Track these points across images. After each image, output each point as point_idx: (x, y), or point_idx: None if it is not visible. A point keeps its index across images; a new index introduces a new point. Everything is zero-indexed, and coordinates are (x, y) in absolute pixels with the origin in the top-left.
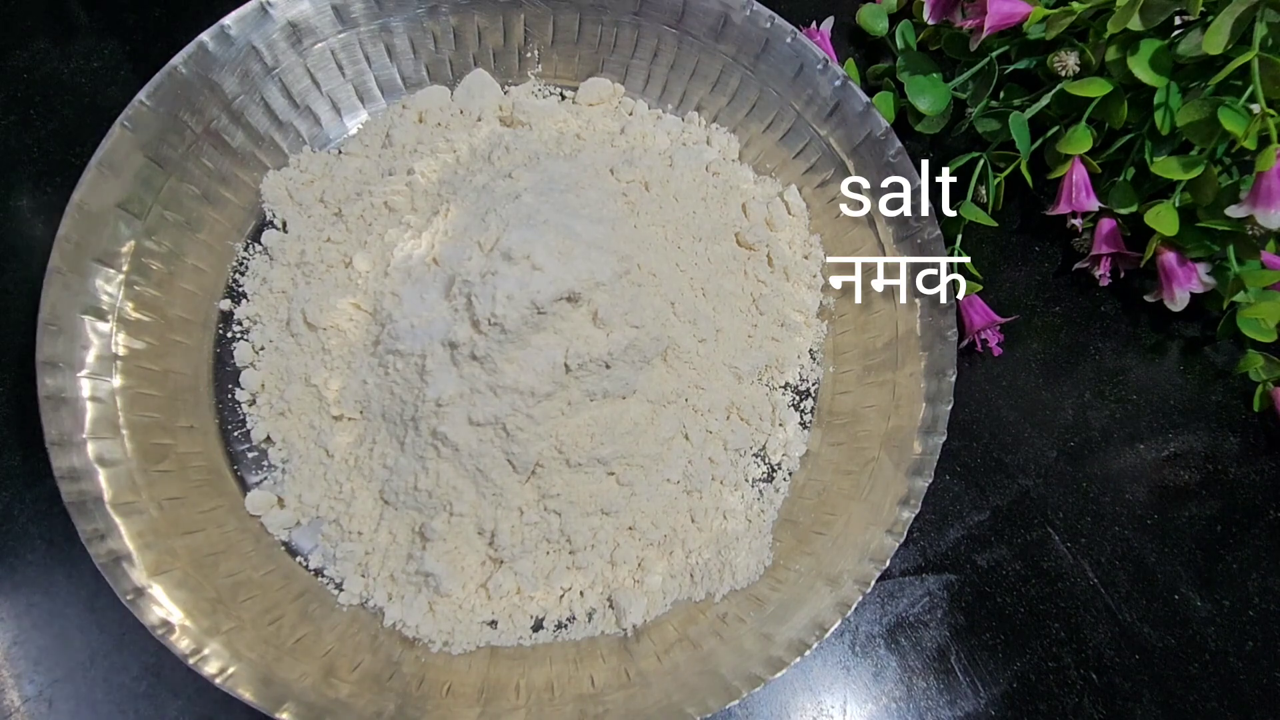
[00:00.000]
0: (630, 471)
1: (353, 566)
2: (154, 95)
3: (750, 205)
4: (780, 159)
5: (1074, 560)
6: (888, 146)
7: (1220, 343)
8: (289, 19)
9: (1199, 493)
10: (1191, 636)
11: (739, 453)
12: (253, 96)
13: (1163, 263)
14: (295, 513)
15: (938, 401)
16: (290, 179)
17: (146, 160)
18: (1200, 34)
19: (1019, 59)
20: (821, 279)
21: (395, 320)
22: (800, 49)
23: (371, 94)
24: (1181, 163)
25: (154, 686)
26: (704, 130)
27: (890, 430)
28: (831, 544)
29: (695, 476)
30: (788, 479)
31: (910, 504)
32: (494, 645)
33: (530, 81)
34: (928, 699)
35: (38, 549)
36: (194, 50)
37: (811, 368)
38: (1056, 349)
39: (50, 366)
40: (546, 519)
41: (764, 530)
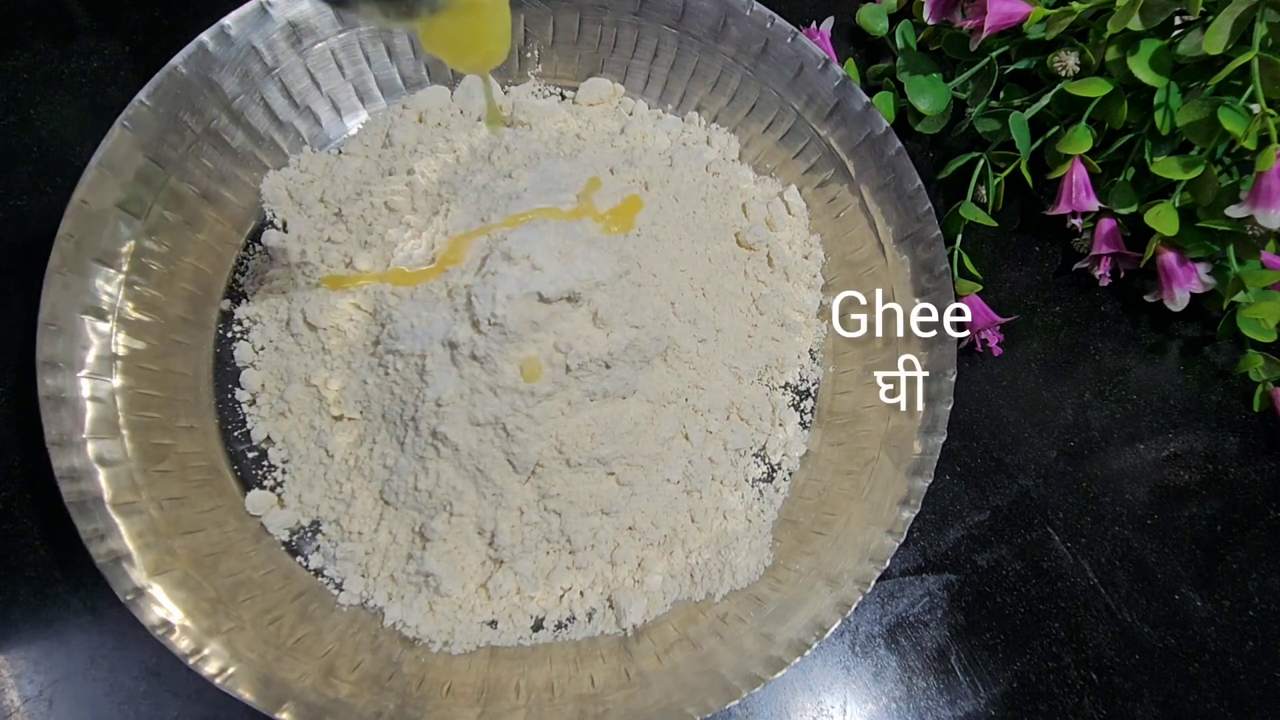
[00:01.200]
0: (630, 471)
1: (353, 566)
2: (154, 95)
3: (750, 205)
4: (780, 159)
5: (1074, 560)
6: (888, 146)
7: (1220, 343)
8: (289, 19)
9: (1199, 493)
10: (1191, 636)
11: (739, 453)
12: (253, 96)
13: (1163, 263)
14: (295, 513)
15: (938, 401)
16: (290, 179)
17: (146, 160)
18: (1200, 34)
19: (1019, 59)
20: (822, 279)
21: (395, 320)
22: (800, 49)
23: (371, 94)
24: (1181, 163)
25: (154, 686)
26: (704, 130)
27: (890, 430)
28: (831, 544)
29: (695, 476)
30: (788, 479)
31: (910, 504)
32: (494, 645)
33: (530, 81)
34: (928, 699)
35: (38, 549)
36: (194, 50)
37: (811, 368)
38: (1056, 349)
39: (50, 366)
40: (546, 519)
41: (764, 530)
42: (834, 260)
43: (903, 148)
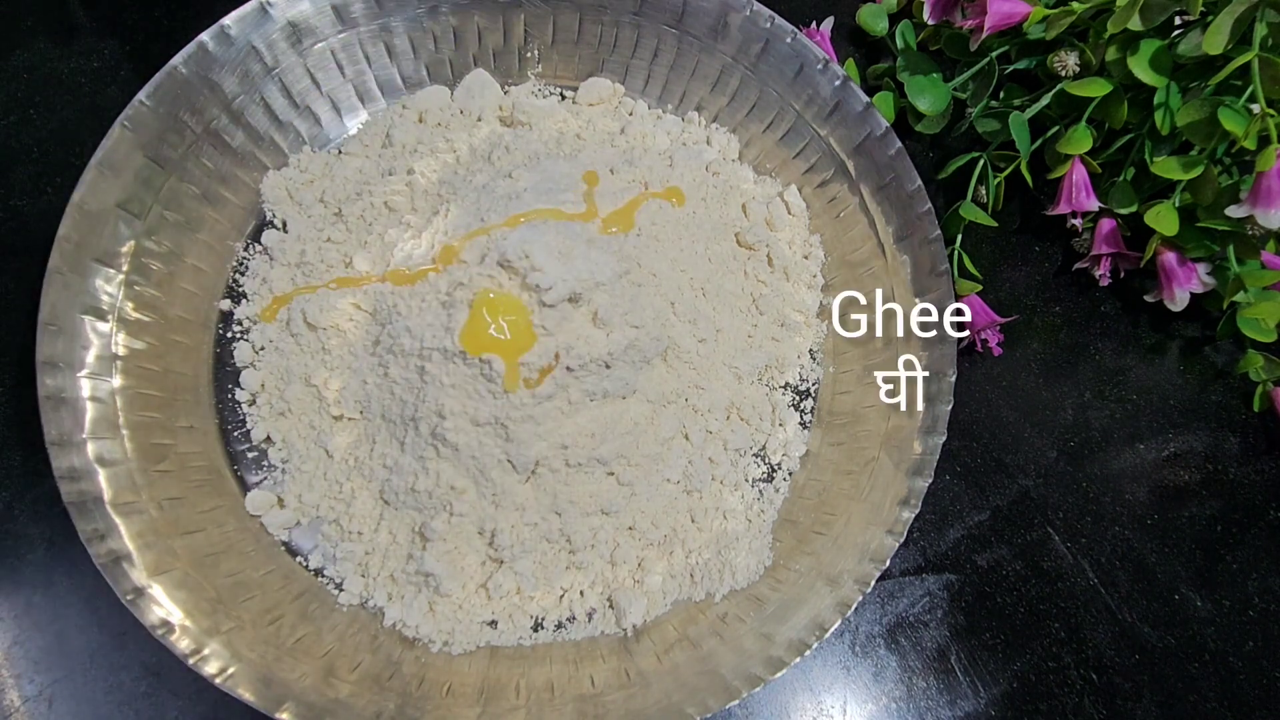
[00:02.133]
0: (630, 471)
1: (353, 566)
2: (154, 95)
3: (750, 205)
4: (780, 159)
5: (1074, 560)
6: (887, 146)
7: (1220, 343)
8: (289, 19)
9: (1199, 493)
10: (1191, 636)
11: (739, 453)
12: (253, 96)
13: (1163, 263)
14: (295, 513)
15: (937, 401)
16: (290, 179)
17: (146, 160)
18: (1200, 34)
19: (1019, 59)
20: (822, 279)
21: (395, 320)
22: (800, 49)
23: (371, 94)
24: (1181, 163)
25: (154, 686)
26: (704, 130)
27: (890, 430)
28: (831, 544)
29: (695, 476)
30: (788, 479)
31: (910, 504)
32: (494, 645)
33: (530, 81)
34: (928, 699)
35: (38, 549)
36: (194, 50)
37: (811, 368)
38: (1056, 349)
39: (50, 366)
40: (546, 519)
41: (764, 530)
42: (834, 260)
43: (903, 148)
